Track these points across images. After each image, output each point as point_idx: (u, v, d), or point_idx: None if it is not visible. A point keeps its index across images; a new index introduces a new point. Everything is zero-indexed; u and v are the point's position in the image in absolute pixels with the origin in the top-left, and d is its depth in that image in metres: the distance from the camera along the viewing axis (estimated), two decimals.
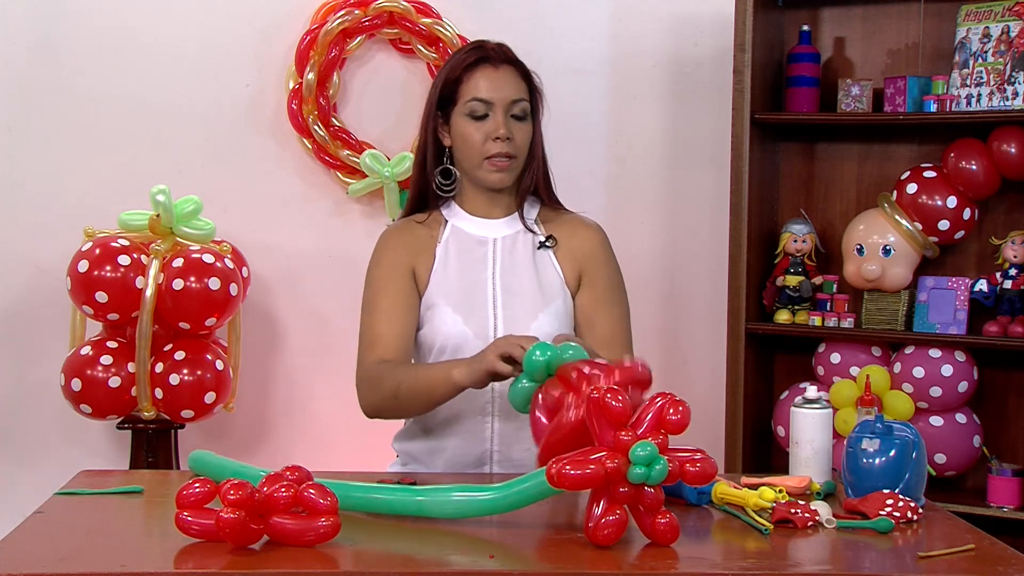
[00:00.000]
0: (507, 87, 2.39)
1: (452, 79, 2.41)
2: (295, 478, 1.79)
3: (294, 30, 3.72)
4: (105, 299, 3.34)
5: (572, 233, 2.47)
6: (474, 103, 2.38)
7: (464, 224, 2.46)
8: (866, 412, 2.29)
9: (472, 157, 2.40)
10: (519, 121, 2.40)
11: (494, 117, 2.38)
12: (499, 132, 2.37)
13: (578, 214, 2.53)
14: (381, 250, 2.46)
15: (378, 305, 2.40)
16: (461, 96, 2.40)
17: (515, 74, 2.41)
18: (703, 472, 1.76)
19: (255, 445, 3.82)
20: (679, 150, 3.83)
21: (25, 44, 3.73)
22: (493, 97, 2.38)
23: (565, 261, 2.45)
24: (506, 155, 2.38)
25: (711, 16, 3.72)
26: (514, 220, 2.47)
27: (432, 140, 2.46)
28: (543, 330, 2.35)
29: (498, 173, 2.40)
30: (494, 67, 2.40)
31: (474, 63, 2.40)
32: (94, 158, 3.75)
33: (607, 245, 2.49)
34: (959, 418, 3.35)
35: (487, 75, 2.39)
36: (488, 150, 2.38)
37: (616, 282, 2.47)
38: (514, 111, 2.39)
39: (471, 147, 2.39)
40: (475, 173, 2.42)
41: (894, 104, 3.35)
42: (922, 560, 1.77)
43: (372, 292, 2.43)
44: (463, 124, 2.39)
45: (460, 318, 2.37)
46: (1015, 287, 3.26)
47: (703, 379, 3.75)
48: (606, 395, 1.76)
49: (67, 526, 1.90)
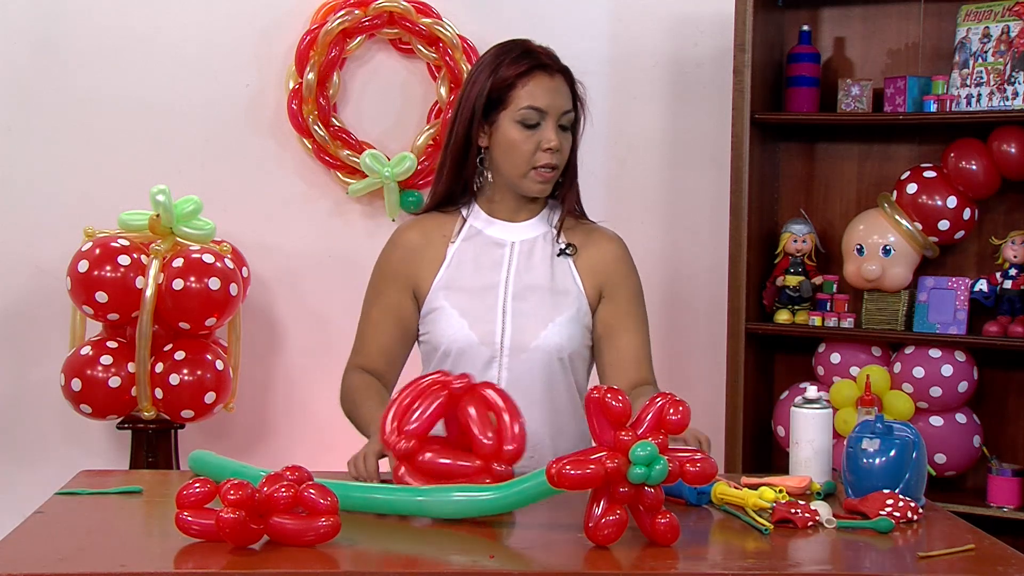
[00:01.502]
0: (561, 97, 2.34)
1: (503, 83, 2.33)
2: (295, 478, 1.79)
3: (294, 30, 3.72)
4: (105, 299, 3.34)
5: (594, 244, 2.43)
6: (528, 111, 2.32)
7: (483, 226, 2.42)
8: (866, 412, 2.29)
9: (519, 165, 2.34)
10: (564, 131, 2.36)
11: (546, 127, 2.33)
12: (552, 143, 2.32)
13: (599, 225, 2.48)
14: (388, 252, 2.44)
15: (369, 312, 2.43)
16: (513, 102, 2.32)
17: (565, 83, 2.37)
18: (703, 472, 1.76)
19: (255, 445, 3.82)
20: (679, 150, 3.83)
21: (25, 44, 3.73)
22: (548, 106, 2.32)
23: (585, 272, 2.41)
24: (553, 166, 2.35)
25: (711, 16, 3.72)
26: (536, 224, 2.43)
27: (469, 140, 2.38)
28: (552, 340, 2.34)
29: (542, 183, 2.36)
30: (550, 75, 2.34)
31: (529, 70, 2.33)
32: (94, 158, 3.75)
33: (629, 258, 2.45)
34: (959, 418, 3.35)
35: (543, 84, 2.33)
36: (537, 160, 2.33)
37: (638, 295, 2.44)
38: (562, 121, 2.35)
39: (520, 155, 2.33)
40: (518, 181, 2.36)
41: (894, 104, 3.35)
42: (922, 560, 1.77)
43: (369, 293, 2.45)
44: (512, 130, 2.33)
45: (466, 322, 2.35)
46: (1015, 287, 3.26)
47: (703, 379, 3.75)
48: (606, 395, 1.76)
49: (67, 526, 1.90)
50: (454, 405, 2.00)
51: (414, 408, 1.99)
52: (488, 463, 1.95)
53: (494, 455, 1.95)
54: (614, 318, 2.40)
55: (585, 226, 2.46)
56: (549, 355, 2.34)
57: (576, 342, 2.37)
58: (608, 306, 2.40)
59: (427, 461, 1.98)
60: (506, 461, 1.95)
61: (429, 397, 2.00)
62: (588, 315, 2.40)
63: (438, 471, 1.97)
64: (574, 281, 2.40)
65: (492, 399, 2.00)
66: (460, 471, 1.96)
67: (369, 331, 2.41)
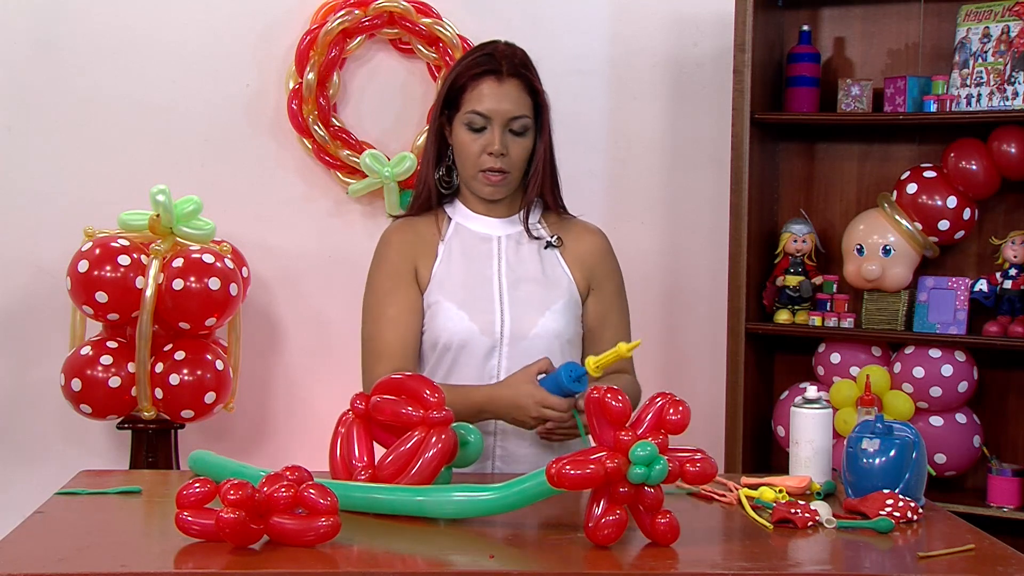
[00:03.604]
0: (508, 103, 2.36)
1: (458, 85, 2.39)
2: (295, 478, 1.79)
3: (294, 30, 3.72)
4: (105, 299, 3.34)
5: (578, 238, 2.48)
6: (472, 115, 2.36)
7: (468, 221, 2.46)
8: (866, 412, 2.29)
9: (467, 167, 2.40)
10: (517, 136, 2.38)
11: (491, 131, 2.36)
12: (493, 148, 2.36)
13: (581, 219, 2.53)
14: (384, 252, 2.45)
15: (383, 313, 2.39)
16: (463, 104, 2.38)
17: (520, 88, 2.38)
18: (703, 472, 1.76)
19: (255, 445, 3.82)
20: (679, 150, 3.83)
21: (25, 44, 3.73)
22: (492, 112, 2.36)
23: (572, 264, 2.45)
24: (499, 170, 2.37)
25: (711, 16, 3.72)
26: (514, 221, 2.47)
27: (438, 138, 2.45)
28: (549, 327, 2.37)
29: (490, 187, 2.40)
30: (498, 81, 2.36)
31: (480, 73, 2.37)
32: (94, 158, 3.75)
33: (611, 252, 2.51)
34: (959, 418, 3.35)
35: (490, 88, 2.36)
36: (483, 163, 2.37)
37: (620, 289, 2.51)
38: (513, 127, 2.37)
39: (467, 157, 2.39)
40: (469, 183, 2.43)
41: (894, 104, 3.35)
42: (922, 560, 1.77)
43: (376, 298, 2.42)
44: (461, 132, 2.39)
45: (465, 315, 2.37)
46: (1015, 287, 3.26)
47: (703, 379, 3.76)
48: (606, 395, 1.76)
49: (67, 526, 1.90)
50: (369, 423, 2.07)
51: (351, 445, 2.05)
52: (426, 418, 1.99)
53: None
54: (600, 312, 2.46)
55: (567, 220, 2.51)
56: (548, 342, 2.37)
57: (572, 329, 2.42)
58: (595, 300, 2.46)
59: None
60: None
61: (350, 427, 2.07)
62: (579, 304, 2.45)
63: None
64: (564, 271, 2.45)
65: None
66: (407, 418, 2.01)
67: (390, 332, 2.37)
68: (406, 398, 2.02)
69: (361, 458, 2.03)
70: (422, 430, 1.98)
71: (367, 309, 2.43)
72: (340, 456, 2.05)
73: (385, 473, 1.98)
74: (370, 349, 2.39)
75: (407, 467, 1.97)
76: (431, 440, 1.97)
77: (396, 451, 1.99)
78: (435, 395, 1.99)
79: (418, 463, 1.96)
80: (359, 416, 2.06)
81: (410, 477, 1.96)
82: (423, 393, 2.00)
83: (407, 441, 1.99)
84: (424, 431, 1.98)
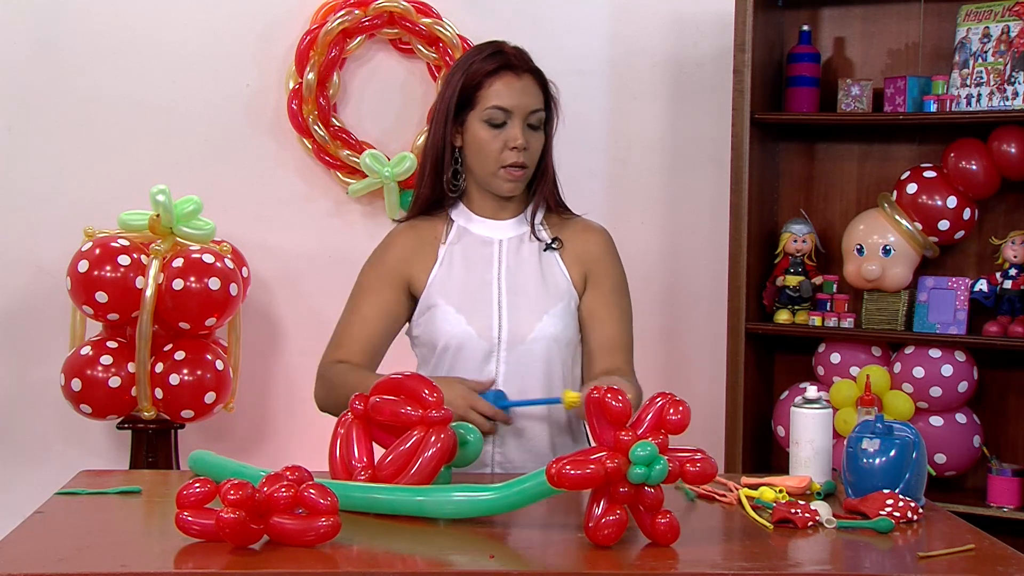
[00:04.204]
0: (527, 96, 2.38)
1: (472, 83, 2.38)
2: (295, 478, 1.79)
3: (294, 30, 3.72)
4: (105, 299, 3.34)
5: (579, 236, 2.48)
6: (494, 111, 2.36)
7: (471, 225, 2.46)
8: (866, 412, 2.29)
9: (487, 164, 2.39)
10: (534, 130, 2.40)
11: (512, 126, 2.37)
12: (517, 142, 2.36)
13: (584, 217, 2.53)
14: (382, 252, 2.47)
15: (358, 308, 2.44)
16: (480, 102, 2.37)
17: (535, 83, 2.41)
18: (703, 472, 1.76)
19: (255, 445, 3.82)
20: (679, 150, 3.83)
21: (25, 44, 3.73)
22: (514, 106, 2.36)
23: (571, 263, 2.45)
24: (521, 165, 2.38)
25: (711, 16, 3.72)
26: (520, 222, 2.47)
27: (446, 141, 2.43)
28: (547, 331, 2.37)
29: (511, 182, 2.40)
30: (516, 75, 2.38)
31: (495, 70, 2.38)
32: (94, 158, 3.75)
33: (613, 248, 2.50)
34: (959, 418, 3.35)
35: (509, 83, 2.37)
36: (505, 159, 2.37)
37: (621, 285, 2.48)
38: (531, 120, 2.39)
39: (487, 154, 2.38)
40: (488, 180, 2.41)
41: (894, 104, 3.35)
42: (922, 560, 1.77)
43: (358, 290, 2.46)
44: (480, 130, 2.38)
45: (463, 318, 2.37)
46: (1015, 287, 3.26)
47: (703, 379, 3.76)
48: (606, 395, 1.76)
49: (67, 526, 1.90)
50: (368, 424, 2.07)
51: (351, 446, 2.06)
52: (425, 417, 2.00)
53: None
54: (596, 306, 2.44)
55: (568, 219, 2.50)
56: (545, 347, 2.38)
57: (570, 333, 2.41)
58: (591, 294, 2.45)
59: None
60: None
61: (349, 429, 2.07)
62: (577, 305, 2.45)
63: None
64: (563, 274, 2.44)
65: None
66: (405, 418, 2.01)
67: (356, 326, 2.43)
68: (405, 398, 2.02)
69: (361, 458, 2.03)
70: (421, 430, 1.98)
71: (350, 296, 2.47)
72: (340, 456, 2.05)
73: (385, 473, 1.98)
74: (335, 335, 2.46)
75: (406, 467, 1.97)
76: (430, 440, 1.97)
77: (395, 451, 1.99)
78: (434, 395, 2.00)
79: (417, 463, 1.96)
80: (358, 416, 2.06)
81: (409, 477, 1.96)
82: (422, 393, 2.00)
83: (406, 441, 1.99)
84: (423, 431, 1.98)
